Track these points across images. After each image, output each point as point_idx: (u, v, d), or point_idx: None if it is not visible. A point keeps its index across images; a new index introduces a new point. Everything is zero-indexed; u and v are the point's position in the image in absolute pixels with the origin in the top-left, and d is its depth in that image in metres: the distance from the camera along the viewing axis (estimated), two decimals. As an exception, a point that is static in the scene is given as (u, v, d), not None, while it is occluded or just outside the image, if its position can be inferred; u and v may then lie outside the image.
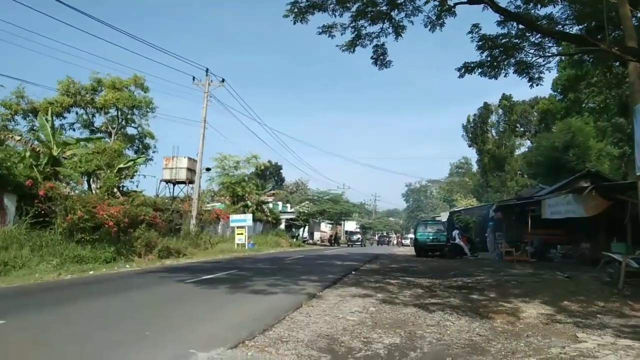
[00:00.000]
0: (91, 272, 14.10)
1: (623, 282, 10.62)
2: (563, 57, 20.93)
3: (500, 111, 58.22)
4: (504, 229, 24.16)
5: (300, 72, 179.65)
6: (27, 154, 19.56)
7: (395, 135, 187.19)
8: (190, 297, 9.67)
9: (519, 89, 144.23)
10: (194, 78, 29.39)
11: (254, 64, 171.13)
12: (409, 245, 55.82)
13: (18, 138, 23.35)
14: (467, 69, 16.74)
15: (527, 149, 56.87)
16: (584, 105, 31.79)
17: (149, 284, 11.81)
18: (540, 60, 18.05)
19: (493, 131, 60.35)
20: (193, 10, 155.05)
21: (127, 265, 16.76)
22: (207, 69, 29.08)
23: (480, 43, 16.51)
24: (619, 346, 5.96)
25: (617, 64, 18.32)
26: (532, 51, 17.15)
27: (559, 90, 42.62)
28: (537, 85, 19.92)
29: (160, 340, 5.99)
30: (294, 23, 13.90)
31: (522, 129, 58.59)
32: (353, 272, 15.10)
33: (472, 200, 64.30)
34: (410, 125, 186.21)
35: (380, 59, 16.42)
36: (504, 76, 17.33)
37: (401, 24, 15.47)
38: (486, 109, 59.38)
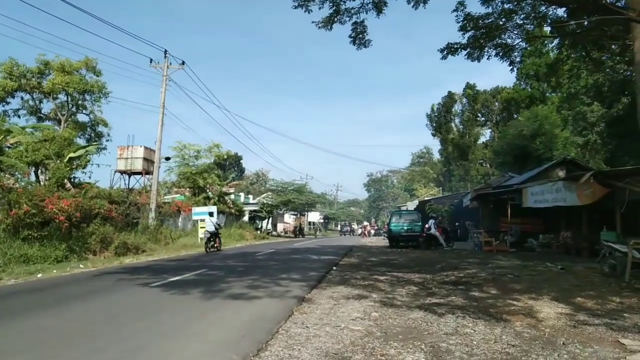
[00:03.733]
0: (39, 275, 12.41)
1: (629, 274, 9.95)
2: (527, 46, 20.49)
3: (465, 100, 58.42)
4: (480, 218, 23.66)
5: (263, 59, 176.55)
6: (-38, 142, 17.41)
7: (358, 125, 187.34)
8: (158, 306, 8.20)
9: (480, 79, 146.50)
10: (151, 60, 27.45)
11: (214, 49, 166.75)
12: (374, 236, 55.48)
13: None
14: (450, 50, 15.94)
15: (488, 139, 57.43)
16: (557, 93, 31.86)
17: (105, 289, 10.20)
18: (522, 43, 17.52)
19: (457, 120, 60.62)
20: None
21: (80, 265, 15.06)
22: (166, 51, 27.20)
23: (463, 23, 15.78)
24: (678, 356, 5.10)
25: (594, 48, 17.96)
26: (515, 32, 16.55)
27: (524, 79, 43.04)
28: (517, 69, 19.48)
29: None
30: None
31: (483, 119, 59.03)
32: (334, 268, 13.96)
33: (433, 190, 64.59)
34: (372, 114, 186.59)
35: (359, 37, 15.41)
36: (487, 59, 16.71)
37: (383, -2, 14.53)
38: (450, 97, 59.50)
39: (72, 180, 23.93)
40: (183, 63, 27.95)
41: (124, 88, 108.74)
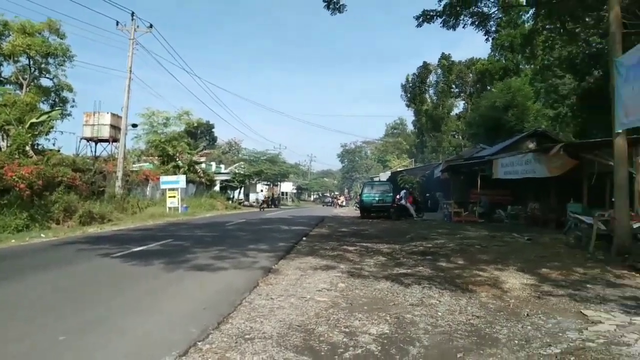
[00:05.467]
0: (-5, 245, 11.89)
1: (594, 246, 10.10)
2: (502, 17, 20.34)
3: (440, 71, 58.28)
4: (451, 189, 23.84)
5: (236, 25, 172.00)
6: None
7: (333, 94, 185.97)
8: (118, 277, 7.91)
9: (456, 51, 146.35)
10: (117, 23, 26.20)
11: (182, 14, 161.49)
12: (345, 207, 55.73)
13: None
14: (426, 17, 15.66)
15: (462, 110, 57.69)
16: (531, 65, 31.88)
17: (64, 260, 9.83)
18: (498, 12, 17.35)
19: (431, 91, 60.58)
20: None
21: (42, 235, 14.56)
22: (133, 13, 25.99)
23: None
24: (638, 326, 5.16)
25: (569, 19, 17.87)
26: (491, 1, 16.35)
27: (498, 50, 43.05)
28: (492, 39, 19.33)
29: (79, 348, 4.39)
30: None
31: (457, 90, 59.13)
32: (304, 239, 13.84)
33: (406, 161, 64.97)
34: (347, 84, 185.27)
35: (333, 2, 14.94)
36: (462, 27, 16.49)
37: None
38: (425, 68, 59.26)
39: (35, 147, 23.03)
40: (151, 26, 26.89)
41: (90, 52, 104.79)
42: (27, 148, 21.25)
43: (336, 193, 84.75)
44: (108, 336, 4.69)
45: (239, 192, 52.73)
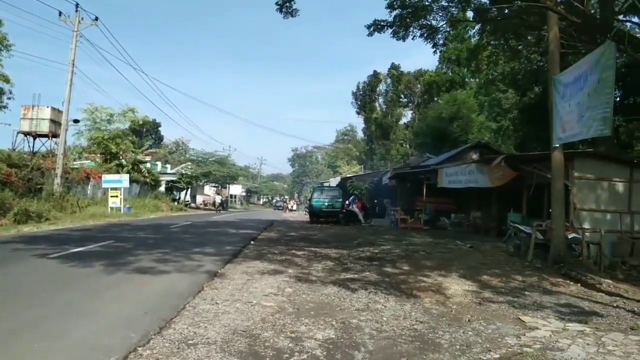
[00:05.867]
0: None
1: (532, 255, 10.57)
2: (450, 31, 21.04)
3: (389, 80, 59.43)
4: (398, 196, 24.30)
5: (187, 23, 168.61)
6: None
7: (285, 98, 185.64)
8: (55, 279, 7.52)
9: (405, 61, 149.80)
10: (60, 13, 25.04)
11: (131, 8, 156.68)
12: (296, 211, 55.78)
13: None
14: (377, 27, 15.97)
15: (409, 120, 59.08)
16: (476, 78, 33.04)
17: (-4, 259, 9.29)
18: (446, 26, 17.90)
19: (381, 99, 61.67)
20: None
21: (-30, 233, 13.63)
22: (77, 4, 24.89)
23: (390, 1, 15.82)
24: (572, 332, 5.49)
25: (512, 36, 18.74)
26: (440, 15, 16.86)
27: (445, 63, 44.46)
28: (439, 52, 19.95)
29: (11, 353, 4.13)
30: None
31: (405, 100, 60.49)
32: (252, 242, 13.67)
33: (355, 167, 65.76)
34: (299, 88, 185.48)
35: (286, 5, 14.93)
36: (412, 39, 16.94)
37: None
38: (376, 77, 60.26)
39: (-35, 139, 21.60)
40: (96, 19, 25.82)
41: (30, 42, 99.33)
42: (-43, 140, 19.91)
43: (286, 197, 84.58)
44: (43, 340, 4.44)
45: (186, 194, 51.51)
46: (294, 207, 60.57)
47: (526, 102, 23.72)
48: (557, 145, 10.02)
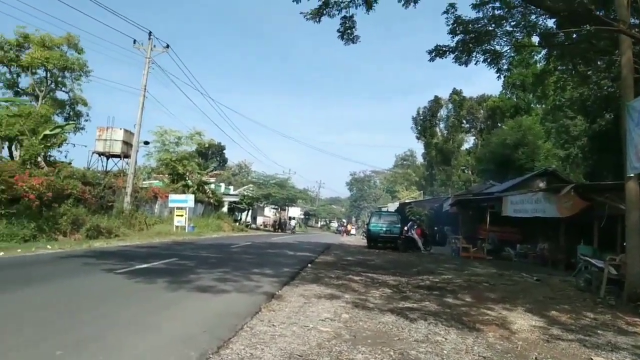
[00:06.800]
0: (1, 254, 11.85)
1: (604, 291, 9.88)
2: (514, 56, 20.47)
3: (450, 106, 58.59)
4: (460, 223, 23.63)
5: (251, 49, 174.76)
6: None
7: (343, 123, 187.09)
8: (120, 294, 7.83)
9: (467, 86, 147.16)
10: (134, 41, 26.73)
11: (201, 36, 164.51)
12: (354, 235, 55.49)
13: None
14: (438, 52, 15.79)
15: (472, 146, 57.73)
16: (542, 104, 31.97)
17: (67, 273, 9.80)
18: (511, 51, 17.48)
19: (442, 125, 60.80)
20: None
21: (48, 246, 14.56)
22: (150, 32, 26.53)
23: (452, 26, 15.66)
24: (653, 377, 4.97)
25: (581, 61, 17.97)
26: (504, 40, 16.48)
27: (510, 89, 43.30)
28: (504, 76, 19.44)
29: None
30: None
31: (467, 125, 59.29)
32: (309, 265, 13.69)
33: (415, 193, 64.75)
34: (358, 113, 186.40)
35: (347, 32, 15.11)
36: (475, 64, 16.60)
37: (374, -7, 14.28)
38: (437, 102, 59.63)
39: (47, 158, 23.25)
40: (167, 46, 27.39)
41: (106, 67, 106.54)
42: (39, 159, 21.47)
43: (344, 221, 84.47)
44: (105, 354, 4.58)
45: (247, 215, 52.66)
46: (353, 231, 60.26)
47: (596, 129, 22.61)
48: (632, 175, 9.39)
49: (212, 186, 44.13)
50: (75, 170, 22.48)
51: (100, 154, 30.19)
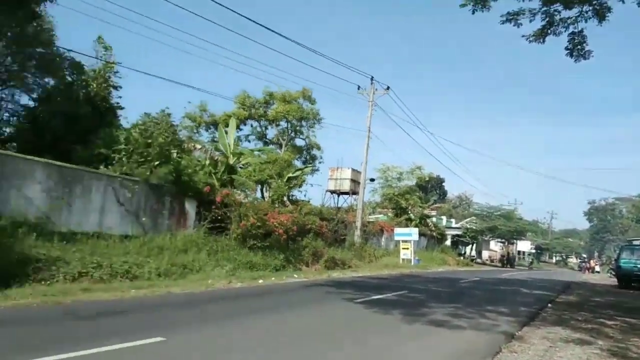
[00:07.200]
0: (260, 281, 13.92)
1: None
2: None
3: None
4: None
5: (469, 78, 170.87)
6: (207, 162, 20.76)
7: (574, 147, 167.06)
8: (362, 323, 8.46)
9: None
10: (358, 87, 28.93)
11: (417, 66, 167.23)
12: (598, 272, 48.59)
13: (199, 147, 25.18)
14: None
15: None
16: None
17: (315, 300, 11.10)
18: None
19: None
20: (357, 19, 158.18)
21: (294, 275, 16.52)
22: (372, 77, 28.38)
23: None
24: None
25: None
26: None
27: None
28: None
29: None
30: (473, 12, 12.13)
31: None
32: (549, 305, 12.53)
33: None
34: (592, 131, 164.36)
35: (577, 48, 13.79)
36: None
37: (605, 4, 12.80)
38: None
39: (290, 197, 26.49)
40: (388, 88, 28.77)
41: (333, 112, 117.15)
42: (285, 199, 24.59)
43: (585, 256, 74.65)
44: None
45: (472, 249, 50.84)
46: (597, 268, 52.67)
47: None
48: None
49: (434, 219, 44.11)
50: (313, 208, 25.10)
51: (332, 191, 33.03)
